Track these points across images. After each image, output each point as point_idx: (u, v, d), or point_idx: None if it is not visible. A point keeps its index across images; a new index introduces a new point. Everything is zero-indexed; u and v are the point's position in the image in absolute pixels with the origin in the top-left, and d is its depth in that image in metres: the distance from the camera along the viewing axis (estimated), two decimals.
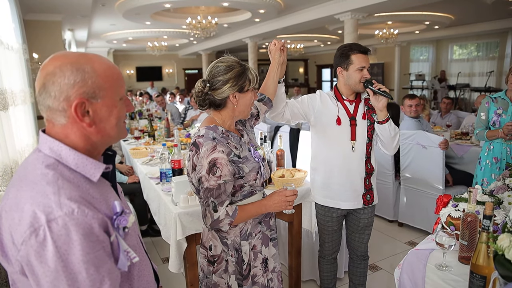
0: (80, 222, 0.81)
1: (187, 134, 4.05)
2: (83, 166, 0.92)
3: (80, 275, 0.81)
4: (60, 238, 0.79)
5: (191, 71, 19.50)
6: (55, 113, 0.90)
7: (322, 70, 19.98)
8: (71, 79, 0.88)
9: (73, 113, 0.89)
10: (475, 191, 1.52)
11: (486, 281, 1.21)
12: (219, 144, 1.51)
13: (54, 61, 0.90)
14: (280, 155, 2.78)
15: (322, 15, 8.37)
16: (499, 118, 2.90)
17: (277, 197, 1.63)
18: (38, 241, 0.79)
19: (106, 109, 0.93)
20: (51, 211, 0.80)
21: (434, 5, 7.87)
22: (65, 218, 0.80)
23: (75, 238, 0.80)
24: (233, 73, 1.54)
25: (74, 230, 0.80)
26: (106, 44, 14.13)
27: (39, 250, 0.79)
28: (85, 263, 0.81)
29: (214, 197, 1.50)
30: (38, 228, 0.79)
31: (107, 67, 0.94)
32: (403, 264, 1.62)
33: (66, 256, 0.79)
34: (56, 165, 0.89)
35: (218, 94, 1.56)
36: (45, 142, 0.92)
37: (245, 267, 1.66)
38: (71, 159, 0.91)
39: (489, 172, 3.00)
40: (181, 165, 2.74)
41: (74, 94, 0.88)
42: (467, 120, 5.44)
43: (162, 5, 7.86)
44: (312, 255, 2.97)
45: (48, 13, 6.56)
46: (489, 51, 12.53)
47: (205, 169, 1.48)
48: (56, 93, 0.88)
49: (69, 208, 0.81)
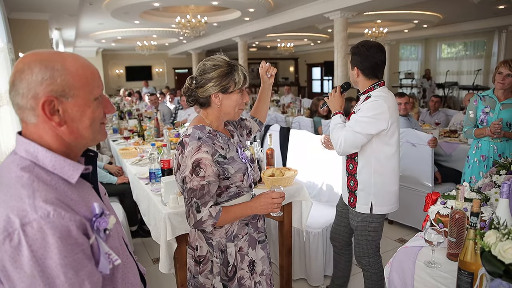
0: (56, 225, 0.79)
1: (177, 133, 4.03)
2: (61, 167, 0.89)
3: (58, 279, 0.78)
4: (35, 242, 0.77)
5: (181, 71, 19.41)
6: (24, 111, 0.88)
7: (312, 69, 20.04)
8: (39, 76, 0.85)
9: (41, 111, 0.86)
10: (463, 189, 1.53)
11: (473, 278, 1.22)
12: (204, 144, 1.49)
13: (25, 58, 0.88)
14: (270, 154, 2.77)
15: (311, 14, 8.39)
16: (487, 116, 2.93)
17: (264, 199, 1.59)
18: (12, 246, 0.76)
19: (77, 109, 0.90)
20: (26, 215, 0.77)
21: (422, 4, 7.94)
22: (41, 221, 0.77)
23: (51, 241, 0.77)
24: (216, 73, 1.52)
25: (50, 234, 0.77)
26: (94, 44, 14.00)
27: (13, 256, 0.76)
28: (63, 266, 0.78)
29: (197, 198, 1.48)
30: (12, 232, 0.76)
31: (80, 65, 0.91)
32: (393, 262, 1.63)
33: (42, 260, 0.77)
34: (32, 167, 0.87)
35: (201, 92, 1.55)
36: (21, 144, 0.89)
37: (230, 269, 1.63)
38: (48, 160, 0.88)
39: (477, 170, 3.02)
40: (171, 165, 2.72)
41: (42, 92, 0.85)
42: (455, 118, 5.49)
43: (151, 4, 7.80)
44: (303, 254, 2.98)
45: (34, 12, 6.46)
46: (477, 50, 12.71)
47: (188, 169, 1.47)
48: (24, 90, 0.85)
49: (45, 211, 0.79)
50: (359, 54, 2.17)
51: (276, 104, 9.16)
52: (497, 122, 2.77)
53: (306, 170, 3.50)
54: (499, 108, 2.87)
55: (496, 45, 11.49)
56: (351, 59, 2.23)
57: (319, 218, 3.01)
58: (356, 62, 2.20)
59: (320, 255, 2.93)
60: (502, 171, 2.10)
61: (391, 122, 2.11)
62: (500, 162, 2.20)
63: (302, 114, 6.88)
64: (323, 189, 3.41)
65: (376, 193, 2.19)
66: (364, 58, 2.15)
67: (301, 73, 20.77)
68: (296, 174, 2.58)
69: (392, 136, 2.16)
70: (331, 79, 17.62)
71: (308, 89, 20.04)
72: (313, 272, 2.94)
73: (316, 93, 18.98)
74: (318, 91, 19.48)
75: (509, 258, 1.01)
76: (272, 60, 20.51)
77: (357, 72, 2.20)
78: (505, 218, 1.39)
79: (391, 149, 2.17)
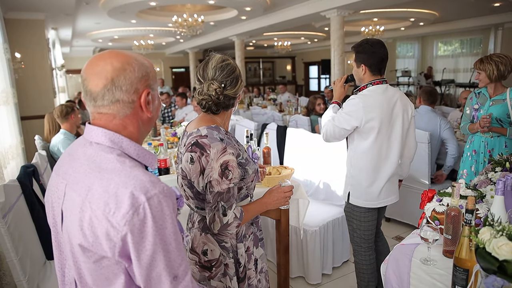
0: (169, 198, 0.92)
1: (173, 133, 4.03)
2: (143, 155, 1.01)
3: (171, 245, 0.91)
4: (157, 213, 0.88)
5: (178, 70, 19.37)
6: (121, 104, 0.97)
7: (309, 67, 20.04)
8: (139, 73, 0.98)
9: (142, 103, 0.99)
10: (458, 186, 1.54)
11: (468, 274, 1.23)
12: (229, 146, 1.44)
13: (118, 57, 0.97)
14: (267, 152, 2.78)
15: (308, 12, 8.39)
16: (477, 113, 2.97)
17: (277, 194, 1.65)
18: (139, 219, 0.86)
19: (156, 99, 1.05)
20: (148, 190, 0.88)
21: (418, 2, 7.95)
22: (159, 195, 0.89)
23: (167, 212, 0.90)
24: (238, 71, 1.52)
25: (165, 206, 0.90)
26: (91, 43, 13.94)
27: (140, 227, 0.86)
28: (174, 234, 0.92)
29: (224, 201, 1.44)
30: (138, 207, 0.86)
31: (151, 63, 1.04)
32: (389, 259, 1.63)
33: (162, 229, 0.89)
34: (124, 154, 0.97)
35: (233, 93, 1.50)
36: (103, 135, 0.97)
37: (241, 270, 1.61)
38: (132, 150, 0.99)
39: (468, 164, 3.06)
40: (167, 165, 2.72)
41: (142, 87, 0.99)
42: (452, 115, 5.50)
43: (148, 3, 7.78)
44: (301, 252, 2.98)
45: (30, 11, 6.43)
46: (473, 47, 12.75)
47: (217, 172, 1.41)
48: (127, 86, 0.96)
49: (160, 186, 0.91)
50: (365, 52, 2.22)
51: (273, 102, 9.16)
52: (485, 116, 2.82)
53: (303, 169, 3.51)
54: (489, 104, 2.92)
55: (492, 43, 11.53)
56: (356, 57, 2.26)
57: (316, 216, 3.02)
58: (362, 60, 2.24)
59: (318, 253, 2.94)
60: (497, 168, 2.12)
61: (366, 121, 2.18)
62: (495, 159, 2.22)
63: (299, 113, 6.88)
64: (320, 187, 3.42)
65: (353, 184, 2.35)
66: (370, 54, 2.21)
67: (298, 72, 20.76)
68: (293, 172, 2.59)
69: (369, 133, 2.22)
70: (328, 77, 17.62)
71: (306, 87, 20.04)
72: (311, 270, 2.95)
73: (313, 91, 18.98)
74: (316, 89, 19.48)
75: (503, 255, 1.02)
76: (269, 58, 20.52)
77: (364, 69, 2.25)
78: (500, 215, 1.40)
79: (366, 145, 2.25)
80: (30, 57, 6.49)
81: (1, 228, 1.87)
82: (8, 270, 2.36)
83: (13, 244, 1.91)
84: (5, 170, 3.19)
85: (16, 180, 2.31)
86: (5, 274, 2.42)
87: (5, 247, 1.89)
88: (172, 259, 0.91)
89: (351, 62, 2.33)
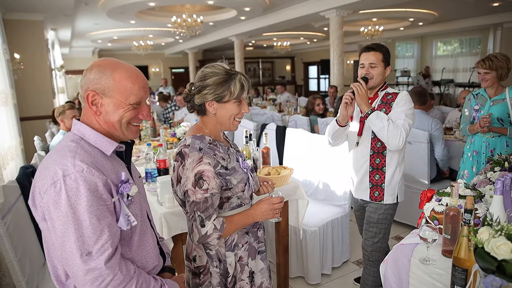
0: (87, 179, 1.06)
1: (173, 133, 4.03)
2: (100, 142, 1.18)
3: (84, 222, 1.04)
4: (71, 189, 1.04)
5: (177, 70, 19.35)
6: (81, 99, 1.20)
7: (309, 67, 20.05)
8: (92, 76, 1.17)
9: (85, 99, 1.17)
10: (457, 185, 1.54)
11: (467, 274, 1.23)
12: (206, 156, 1.43)
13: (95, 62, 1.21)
14: (266, 153, 2.78)
15: (307, 13, 8.40)
16: (477, 113, 2.97)
17: (264, 205, 1.57)
18: (55, 191, 1.04)
19: (112, 106, 1.18)
20: (67, 169, 1.06)
21: (418, 2, 7.96)
22: (76, 175, 1.05)
23: (82, 191, 1.05)
24: (212, 81, 1.48)
25: (82, 185, 1.05)
26: (90, 44, 13.93)
27: (55, 198, 1.04)
28: (89, 212, 1.05)
29: (201, 211, 1.42)
30: (57, 181, 1.05)
31: (125, 77, 1.19)
32: (388, 259, 1.63)
33: (75, 205, 1.04)
34: (79, 140, 1.16)
35: (196, 99, 1.51)
36: (74, 125, 1.21)
37: (230, 280, 1.57)
38: (92, 137, 1.18)
39: (469, 165, 3.05)
40: (167, 165, 2.72)
41: (90, 87, 1.17)
42: (451, 115, 5.50)
43: (147, 4, 7.78)
44: (300, 252, 2.99)
45: (30, 12, 6.43)
46: (472, 47, 12.75)
47: (190, 182, 1.41)
48: (82, 83, 1.18)
49: (80, 167, 1.06)
50: (389, 54, 2.29)
51: (273, 103, 9.16)
52: (485, 116, 2.81)
53: (302, 169, 3.51)
54: (489, 105, 2.91)
55: (492, 42, 11.53)
56: (384, 58, 2.25)
57: (315, 216, 3.02)
58: (388, 61, 2.29)
59: (317, 253, 2.94)
60: (496, 167, 2.11)
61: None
62: (495, 159, 2.22)
63: (298, 113, 6.88)
64: (320, 188, 3.42)
65: (400, 183, 2.37)
66: (389, 56, 2.29)
67: (297, 72, 20.76)
68: (292, 172, 2.58)
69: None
70: (327, 78, 17.63)
71: (305, 87, 20.05)
72: (310, 270, 2.95)
73: (312, 91, 18.99)
74: (315, 89, 19.49)
75: (502, 255, 1.02)
76: (269, 59, 20.51)
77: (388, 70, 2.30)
78: (499, 214, 1.40)
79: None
80: (29, 58, 6.49)
81: (0, 229, 1.86)
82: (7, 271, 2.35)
83: (12, 245, 1.91)
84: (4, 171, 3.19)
85: (15, 181, 2.31)
86: (4, 275, 2.41)
87: (4, 248, 1.89)
88: (85, 235, 1.04)
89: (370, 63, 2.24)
